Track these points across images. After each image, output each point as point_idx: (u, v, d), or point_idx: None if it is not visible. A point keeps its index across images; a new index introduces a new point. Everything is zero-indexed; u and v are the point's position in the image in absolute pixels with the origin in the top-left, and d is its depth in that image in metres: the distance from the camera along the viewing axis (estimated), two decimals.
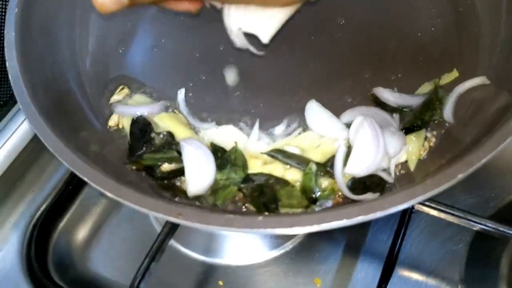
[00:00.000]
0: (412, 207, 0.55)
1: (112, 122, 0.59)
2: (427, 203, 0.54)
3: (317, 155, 0.52)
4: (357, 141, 0.50)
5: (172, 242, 0.64)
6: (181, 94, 0.59)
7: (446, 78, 0.56)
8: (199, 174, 0.51)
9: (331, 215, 0.39)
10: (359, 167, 0.50)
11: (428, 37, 0.60)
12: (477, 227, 0.52)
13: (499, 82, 0.53)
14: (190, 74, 0.61)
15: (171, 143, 0.55)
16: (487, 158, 0.41)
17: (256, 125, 0.56)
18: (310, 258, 0.63)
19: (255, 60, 0.61)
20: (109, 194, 0.43)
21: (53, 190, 0.67)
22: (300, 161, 0.52)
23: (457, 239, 0.60)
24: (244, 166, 0.52)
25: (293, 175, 0.52)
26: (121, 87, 0.61)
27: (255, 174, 0.52)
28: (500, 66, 0.54)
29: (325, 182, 0.51)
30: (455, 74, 0.56)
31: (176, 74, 0.62)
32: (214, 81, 0.61)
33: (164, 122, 0.57)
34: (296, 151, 0.53)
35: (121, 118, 0.59)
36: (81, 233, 0.67)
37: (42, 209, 0.67)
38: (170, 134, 0.55)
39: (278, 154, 0.53)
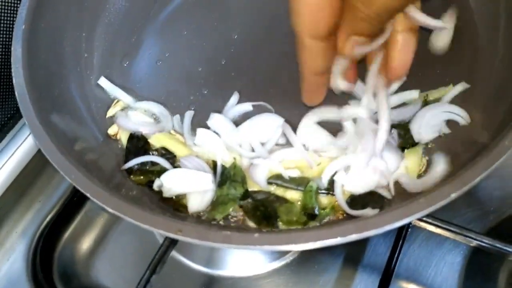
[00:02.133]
0: (409, 223, 0.56)
1: (111, 131, 0.60)
2: (424, 218, 0.54)
3: (317, 173, 0.53)
4: (356, 159, 0.51)
5: (174, 254, 0.65)
6: (176, 119, 0.60)
7: (437, 93, 0.57)
8: (199, 192, 0.52)
9: (327, 233, 0.40)
10: (358, 185, 0.50)
11: (426, 52, 0.60)
12: (474, 243, 0.53)
13: (496, 99, 0.53)
14: (193, 89, 0.62)
15: (168, 158, 0.56)
16: (480, 177, 0.41)
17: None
18: (310, 269, 0.63)
19: (258, 74, 0.62)
20: (110, 210, 0.44)
21: (59, 201, 0.69)
22: (300, 183, 0.52)
23: (456, 253, 0.61)
24: (243, 181, 0.53)
25: (293, 195, 0.52)
26: (116, 100, 0.62)
27: (256, 192, 0.53)
28: (497, 83, 0.55)
29: (325, 200, 0.52)
30: (451, 88, 0.57)
31: (179, 88, 0.63)
32: (216, 96, 0.61)
33: (161, 142, 0.57)
34: (295, 173, 0.53)
35: (119, 130, 0.60)
36: (85, 243, 0.69)
37: (47, 219, 0.68)
38: (166, 150, 0.56)
39: (278, 180, 0.53)
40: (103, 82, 0.63)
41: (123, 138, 0.59)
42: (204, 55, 0.65)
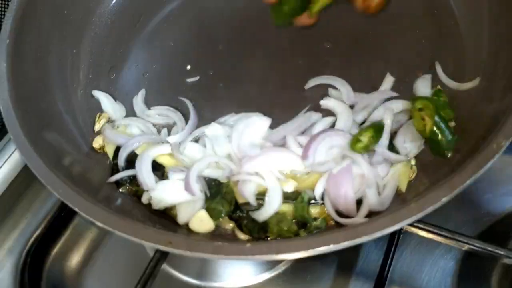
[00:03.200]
0: (401, 228, 0.56)
1: (96, 144, 0.60)
2: (415, 224, 0.54)
3: (308, 183, 0.53)
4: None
5: (165, 267, 0.64)
6: (164, 132, 0.60)
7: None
8: (188, 202, 0.52)
9: (318, 241, 0.40)
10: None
11: (414, 57, 0.61)
12: (466, 247, 0.53)
13: (483, 104, 0.53)
14: (180, 100, 0.62)
15: (157, 170, 0.55)
16: (470, 180, 0.42)
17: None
18: (303, 279, 0.63)
19: (245, 84, 0.62)
20: (99, 224, 0.43)
21: (46, 217, 0.67)
22: (290, 196, 0.53)
23: (448, 257, 0.61)
24: (231, 203, 0.52)
25: (283, 207, 0.52)
26: (98, 114, 0.62)
27: (245, 203, 0.53)
28: (484, 85, 0.55)
29: (315, 210, 0.52)
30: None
31: (166, 100, 0.63)
32: (204, 106, 0.61)
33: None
34: (290, 187, 0.53)
35: (105, 142, 0.59)
36: (75, 258, 0.67)
37: (35, 236, 0.67)
38: (154, 161, 0.56)
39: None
40: (97, 94, 0.63)
41: (110, 151, 0.58)
42: (191, 67, 0.65)
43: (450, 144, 0.51)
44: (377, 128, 0.53)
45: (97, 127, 0.61)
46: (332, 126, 0.56)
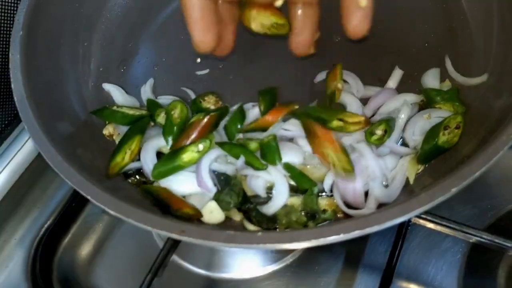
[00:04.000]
0: (409, 220, 0.56)
1: (106, 131, 0.60)
2: (423, 216, 0.55)
3: (317, 176, 0.53)
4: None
5: (175, 257, 0.65)
6: None
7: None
8: (198, 194, 0.53)
9: (329, 230, 0.40)
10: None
11: (423, 51, 0.61)
12: (473, 239, 0.53)
13: (492, 98, 0.54)
14: (191, 93, 0.63)
15: None
16: (480, 171, 0.42)
17: None
18: (311, 271, 0.64)
19: (254, 77, 0.63)
20: (112, 212, 0.44)
21: (57, 207, 0.68)
22: (299, 189, 0.53)
23: (455, 250, 0.61)
24: (239, 194, 0.53)
25: (292, 200, 0.53)
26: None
27: (255, 196, 0.53)
28: (493, 80, 0.55)
29: (324, 201, 0.52)
30: (447, 83, 0.58)
31: (177, 92, 0.63)
32: None
33: None
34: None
35: (115, 131, 0.60)
36: (85, 249, 0.68)
37: (46, 226, 0.68)
38: (162, 153, 0.57)
39: None
40: (108, 87, 0.64)
41: (119, 139, 0.58)
42: (201, 60, 0.66)
43: None
44: (391, 121, 0.53)
45: (105, 131, 0.61)
46: None
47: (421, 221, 0.55)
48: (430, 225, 0.55)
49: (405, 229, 0.56)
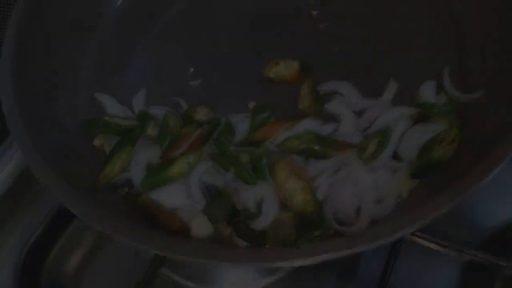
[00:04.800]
0: (401, 238, 0.55)
1: (97, 142, 0.59)
2: (417, 233, 0.54)
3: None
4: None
5: (164, 270, 0.64)
6: None
7: None
8: (188, 206, 0.52)
9: (317, 249, 0.39)
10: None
11: (418, 64, 0.60)
12: (468, 258, 0.52)
13: (488, 112, 0.53)
14: (185, 103, 0.62)
15: None
16: (474, 187, 0.41)
17: None
18: (303, 285, 0.63)
19: (249, 86, 0.62)
20: (98, 228, 0.43)
21: (45, 219, 0.67)
22: None
23: (450, 267, 0.60)
24: (228, 207, 0.51)
25: (284, 214, 0.51)
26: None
27: (245, 210, 0.52)
28: (489, 95, 0.55)
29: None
30: (442, 97, 0.57)
31: (169, 101, 0.62)
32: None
33: None
34: None
35: (105, 141, 0.59)
36: (73, 261, 0.67)
37: (33, 238, 0.66)
38: None
39: None
40: (100, 97, 0.63)
41: (109, 150, 0.58)
42: (196, 70, 0.65)
43: None
44: (384, 135, 0.53)
45: (96, 142, 0.60)
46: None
47: (415, 238, 0.54)
48: (424, 242, 0.54)
49: (399, 246, 0.55)
